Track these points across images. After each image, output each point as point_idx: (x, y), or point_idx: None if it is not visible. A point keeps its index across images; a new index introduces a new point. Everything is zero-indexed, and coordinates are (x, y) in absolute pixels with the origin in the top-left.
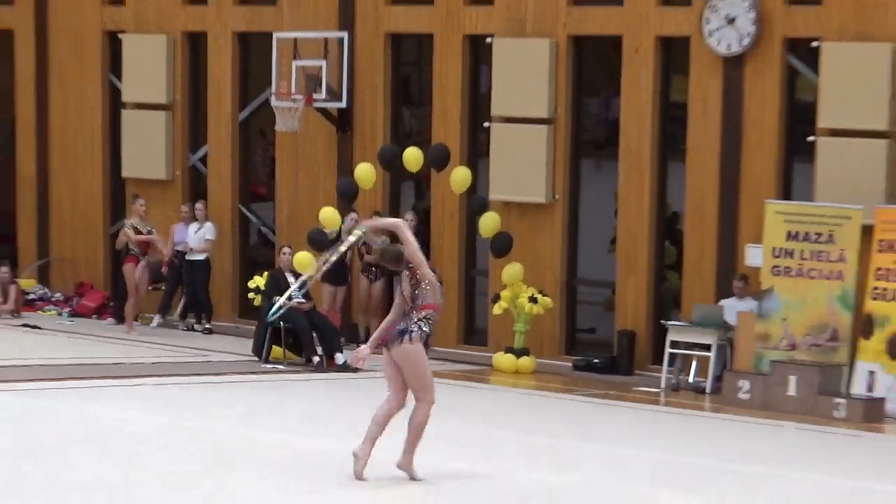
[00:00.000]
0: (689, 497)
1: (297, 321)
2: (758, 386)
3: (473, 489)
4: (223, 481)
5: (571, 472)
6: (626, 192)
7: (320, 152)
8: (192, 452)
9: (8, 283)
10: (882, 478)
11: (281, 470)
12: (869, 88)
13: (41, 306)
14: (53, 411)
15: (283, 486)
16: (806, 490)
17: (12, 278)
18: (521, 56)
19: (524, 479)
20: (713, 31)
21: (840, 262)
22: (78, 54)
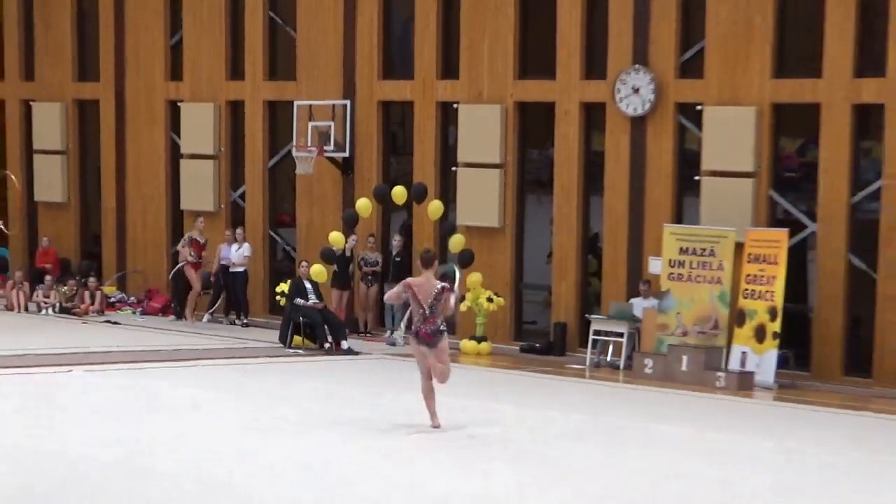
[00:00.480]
0: (601, 448)
1: (312, 316)
2: (659, 363)
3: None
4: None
5: (514, 430)
6: (559, 218)
7: (329, 190)
8: (232, 418)
9: (95, 290)
10: (750, 430)
11: (312, 426)
12: (739, 140)
13: (120, 307)
14: (131, 386)
15: (319, 438)
16: (693, 440)
17: (98, 286)
18: (479, 117)
19: (481, 434)
20: (623, 98)
21: (719, 270)
22: (148, 117)
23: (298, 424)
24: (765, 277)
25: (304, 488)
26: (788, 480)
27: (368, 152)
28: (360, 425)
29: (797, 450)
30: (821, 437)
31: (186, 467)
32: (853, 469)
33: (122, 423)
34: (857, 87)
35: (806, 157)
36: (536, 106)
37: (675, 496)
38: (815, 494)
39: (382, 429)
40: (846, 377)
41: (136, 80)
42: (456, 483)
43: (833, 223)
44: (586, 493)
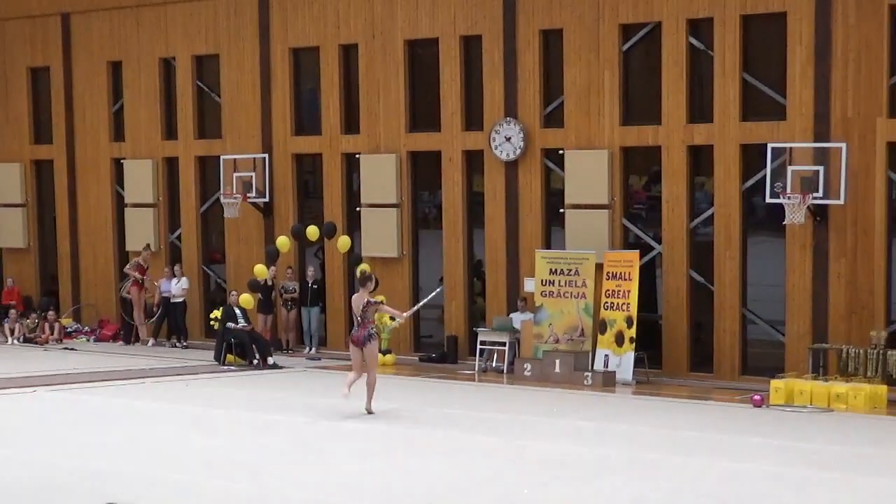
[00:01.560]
0: (488, 437)
1: (242, 338)
2: (536, 367)
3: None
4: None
5: (416, 427)
6: (447, 248)
7: (253, 230)
8: (174, 423)
9: (53, 322)
10: (614, 419)
11: (244, 432)
12: (595, 178)
13: (76, 336)
14: (90, 403)
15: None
16: (562, 430)
17: (56, 318)
18: (378, 165)
19: (388, 430)
20: (497, 146)
21: (583, 287)
22: (96, 173)
23: (233, 425)
24: (621, 291)
25: (237, 480)
26: (636, 455)
27: (285, 197)
28: (287, 424)
29: (645, 432)
30: (668, 420)
31: (141, 468)
32: (694, 443)
33: (82, 433)
34: (691, 132)
35: (651, 191)
36: (426, 154)
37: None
38: (657, 461)
39: (305, 425)
40: (692, 373)
41: (84, 141)
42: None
43: (675, 245)
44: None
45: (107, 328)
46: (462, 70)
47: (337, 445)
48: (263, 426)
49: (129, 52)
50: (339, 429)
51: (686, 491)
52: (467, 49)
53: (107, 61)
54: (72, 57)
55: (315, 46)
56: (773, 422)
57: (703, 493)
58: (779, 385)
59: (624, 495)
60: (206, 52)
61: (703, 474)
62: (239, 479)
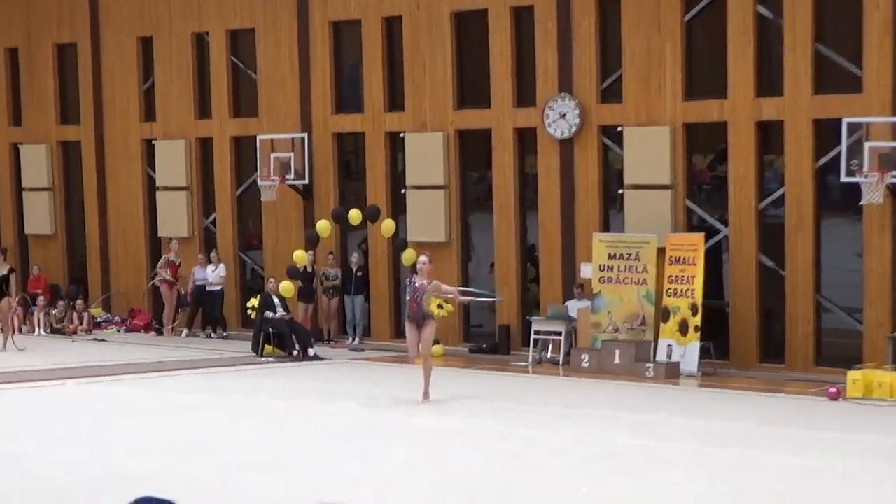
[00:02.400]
0: (543, 432)
1: (281, 327)
2: (594, 358)
3: None
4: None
5: (467, 420)
6: (499, 232)
7: (292, 214)
8: (213, 415)
9: (82, 311)
10: (679, 413)
11: (284, 423)
12: (656, 157)
13: (106, 327)
14: (123, 395)
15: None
16: (622, 424)
17: (85, 307)
18: (424, 144)
19: (437, 423)
20: (551, 123)
21: (644, 272)
22: (126, 155)
23: (273, 416)
24: (685, 277)
25: (277, 473)
26: (700, 450)
27: (325, 179)
28: (329, 417)
29: (711, 426)
30: (736, 414)
31: (177, 464)
32: (764, 438)
33: (112, 428)
34: (759, 107)
35: (716, 171)
36: (474, 133)
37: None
38: (723, 456)
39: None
40: (761, 364)
41: (113, 121)
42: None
43: (743, 227)
44: None
45: (138, 318)
46: (513, 42)
47: (382, 437)
48: (304, 418)
49: (160, 27)
50: (384, 420)
51: (753, 488)
52: (518, 20)
53: (136, 37)
54: (100, 33)
55: (357, 19)
56: (850, 416)
57: (772, 491)
58: (856, 377)
59: (687, 492)
60: (240, 27)
61: (772, 471)
62: (278, 472)
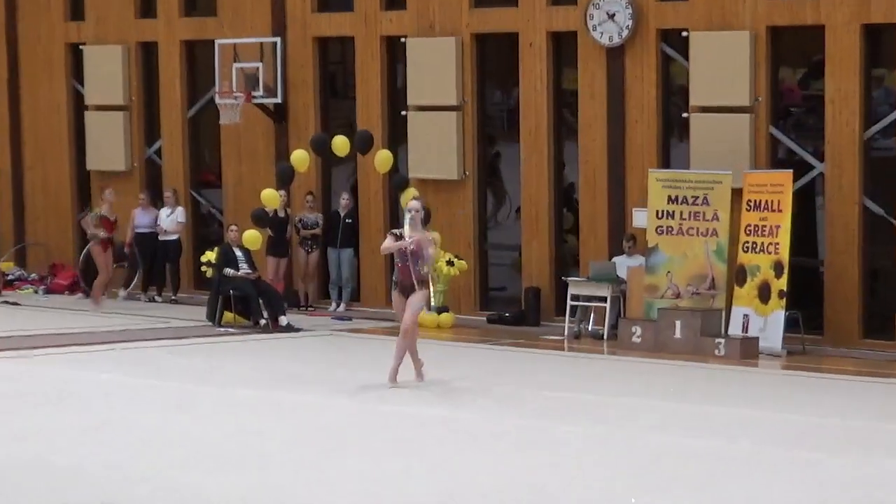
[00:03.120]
0: (579, 426)
1: (245, 289)
2: (648, 331)
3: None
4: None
5: (477, 410)
6: (527, 167)
7: (260, 142)
8: (156, 405)
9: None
10: (757, 405)
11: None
12: (732, 70)
13: (19, 286)
14: (34, 375)
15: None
16: (684, 417)
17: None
18: (431, 53)
19: (439, 416)
20: (596, 26)
21: (714, 220)
22: (46, 64)
23: (230, 408)
24: (767, 227)
25: (240, 483)
26: (782, 453)
27: (304, 97)
28: (305, 407)
29: (798, 421)
30: (842, 407)
31: (112, 460)
32: (866, 437)
33: (27, 416)
34: (867, 6)
35: (809, 89)
36: (497, 38)
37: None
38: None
39: (326, 408)
40: (865, 340)
41: (30, 20)
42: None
43: (843, 163)
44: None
45: (61, 276)
46: None
47: (369, 435)
48: (271, 409)
49: None
50: (373, 412)
51: (847, 500)
52: None
53: None
54: None
55: None
56: None
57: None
58: None
59: None
60: None
61: (873, 480)
62: (236, 476)
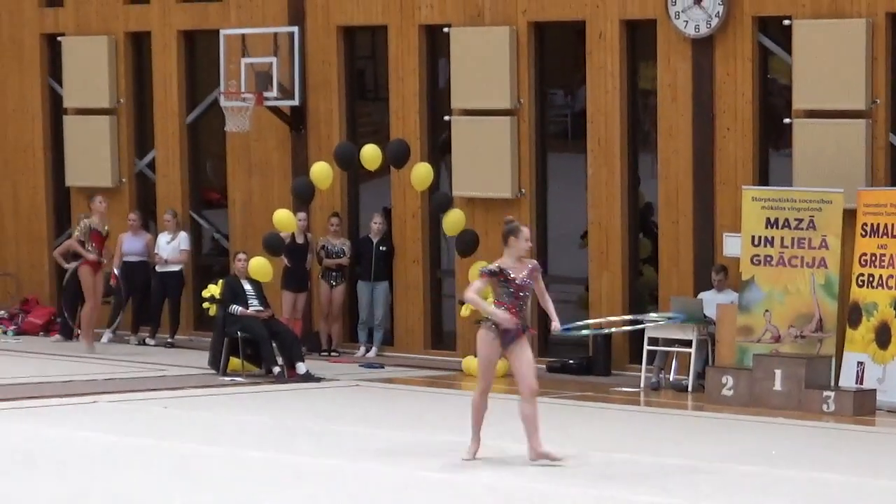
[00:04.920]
0: (671, 499)
1: (256, 330)
2: (742, 381)
3: None
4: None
5: (543, 479)
6: (595, 183)
7: (273, 153)
8: (150, 471)
9: None
10: (875, 470)
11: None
12: (845, 67)
13: None
14: (5, 433)
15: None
16: (788, 484)
17: None
18: (480, 45)
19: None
20: (680, 13)
21: (822, 248)
22: (16, 59)
23: (238, 473)
24: (887, 257)
25: None
26: None
27: (326, 99)
28: (327, 473)
29: None
30: None
31: None
32: None
33: None
34: None
35: None
36: (560, 27)
37: None
38: None
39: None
40: None
41: None
42: None
43: None
44: None
45: (35, 313)
46: None
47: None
48: (287, 474)
49: None
50: (410, 480)
51: None
52: None
53: None
54: None
55: None
56: None
57: None
58: None
59: None
60: None
61: None
62: None
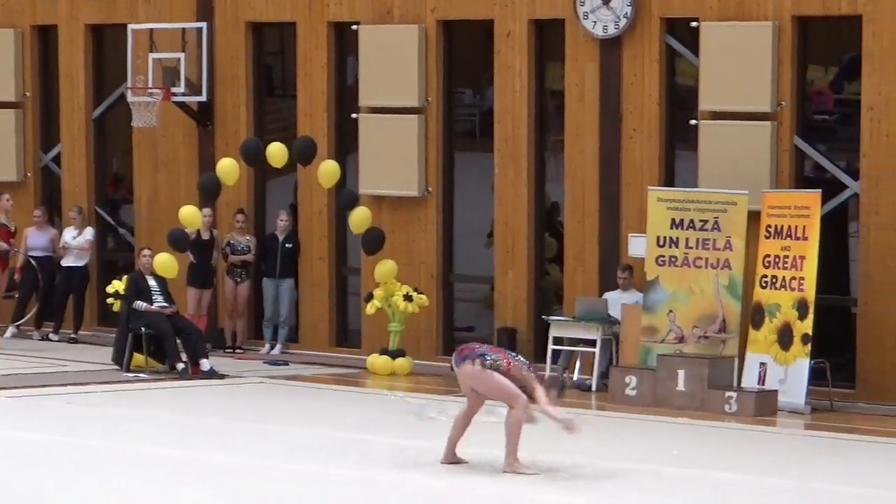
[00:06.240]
0: (571, 496)
1: (160, 326)
2: (645, 382)
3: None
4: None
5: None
6: (502, 183)
7: (180, 148)
8: (53, 467)
9: None
10: (774, 471)
11: (148, 478)
12: (751, 69)
13: None
14: None
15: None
16: (688, 485)
17: None
18: (388, 43)
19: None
20: (588, 13)
21: (727, 249)
22: None
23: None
24: (790, 259)
25: None
26: None
27: (234, 95)
28: (231, 470)
29: (823, 492)
30: (866, 475)
31: None
32: None
33: None
34: None
35: (843, 92)
36: (468, 25)
37: None
38: None
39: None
40: None
41: None
42: None
43: (882, 182)
44: None
45: None
46: None
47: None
48: (190, 471)
49: None
50: (314, 476)
51: None
52: None
53: None
54: None
55: None
56: None
57: None
58: None
59: None
60: None
61: None
62: None
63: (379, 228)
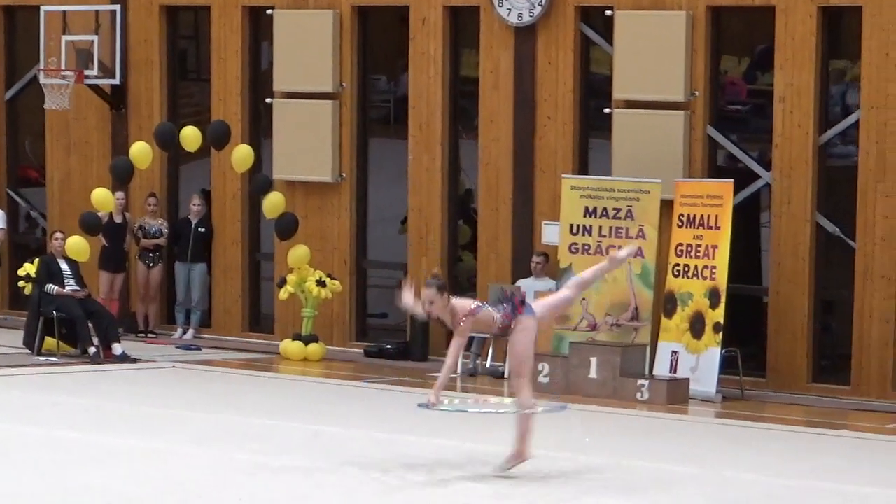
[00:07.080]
0: (484, 486)
1: (71, 310)
2: (558, 369)
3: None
4: None
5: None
6: (416, 169)
7: (93, 131)
8: None
9: None
10: (686, 461)
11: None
12: (665, 58)
13: None
14: None
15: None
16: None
17: None
18: (303, 28)
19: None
20: (503, 1)
21: (639, 238)
22: None
23: (51, 454)
24: (702, 248)
25: None
26: None
27: (147, 78)
28: (143, 455)
29: (735, 480)
30: (773, 462)
31: None
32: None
33: None
34: None
35: (756, 83)
36: (383, 12)
37: None
38: None
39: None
40: (815, 384)
41: None
42: None
43: (794, 172)
44: None
45: None
46: None
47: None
48: (101, 456)
49: None
50: (226, 462)
51: None
52: None
53: None
54: None
55: None
56: None
57: None
58: None
59: None
60: None
61: None
62: None
63: (292, 214)
